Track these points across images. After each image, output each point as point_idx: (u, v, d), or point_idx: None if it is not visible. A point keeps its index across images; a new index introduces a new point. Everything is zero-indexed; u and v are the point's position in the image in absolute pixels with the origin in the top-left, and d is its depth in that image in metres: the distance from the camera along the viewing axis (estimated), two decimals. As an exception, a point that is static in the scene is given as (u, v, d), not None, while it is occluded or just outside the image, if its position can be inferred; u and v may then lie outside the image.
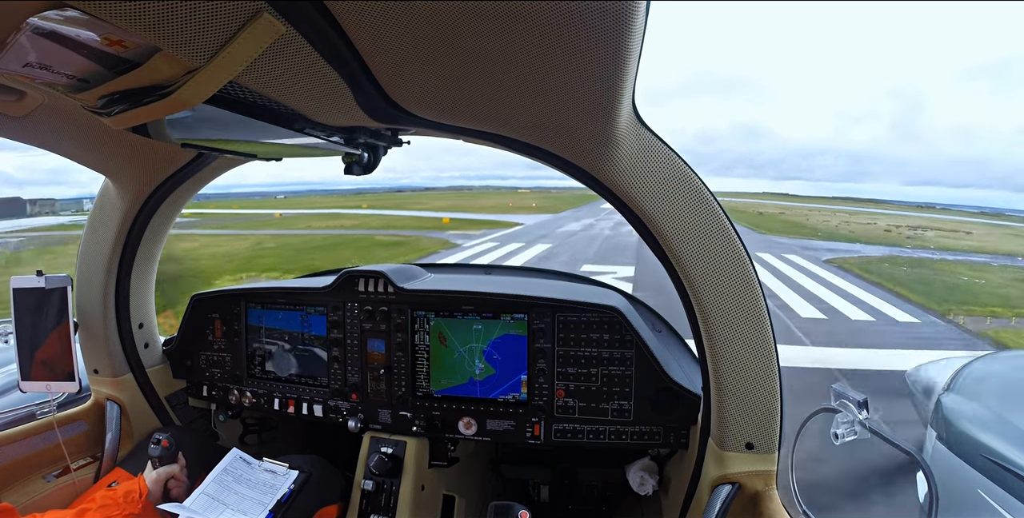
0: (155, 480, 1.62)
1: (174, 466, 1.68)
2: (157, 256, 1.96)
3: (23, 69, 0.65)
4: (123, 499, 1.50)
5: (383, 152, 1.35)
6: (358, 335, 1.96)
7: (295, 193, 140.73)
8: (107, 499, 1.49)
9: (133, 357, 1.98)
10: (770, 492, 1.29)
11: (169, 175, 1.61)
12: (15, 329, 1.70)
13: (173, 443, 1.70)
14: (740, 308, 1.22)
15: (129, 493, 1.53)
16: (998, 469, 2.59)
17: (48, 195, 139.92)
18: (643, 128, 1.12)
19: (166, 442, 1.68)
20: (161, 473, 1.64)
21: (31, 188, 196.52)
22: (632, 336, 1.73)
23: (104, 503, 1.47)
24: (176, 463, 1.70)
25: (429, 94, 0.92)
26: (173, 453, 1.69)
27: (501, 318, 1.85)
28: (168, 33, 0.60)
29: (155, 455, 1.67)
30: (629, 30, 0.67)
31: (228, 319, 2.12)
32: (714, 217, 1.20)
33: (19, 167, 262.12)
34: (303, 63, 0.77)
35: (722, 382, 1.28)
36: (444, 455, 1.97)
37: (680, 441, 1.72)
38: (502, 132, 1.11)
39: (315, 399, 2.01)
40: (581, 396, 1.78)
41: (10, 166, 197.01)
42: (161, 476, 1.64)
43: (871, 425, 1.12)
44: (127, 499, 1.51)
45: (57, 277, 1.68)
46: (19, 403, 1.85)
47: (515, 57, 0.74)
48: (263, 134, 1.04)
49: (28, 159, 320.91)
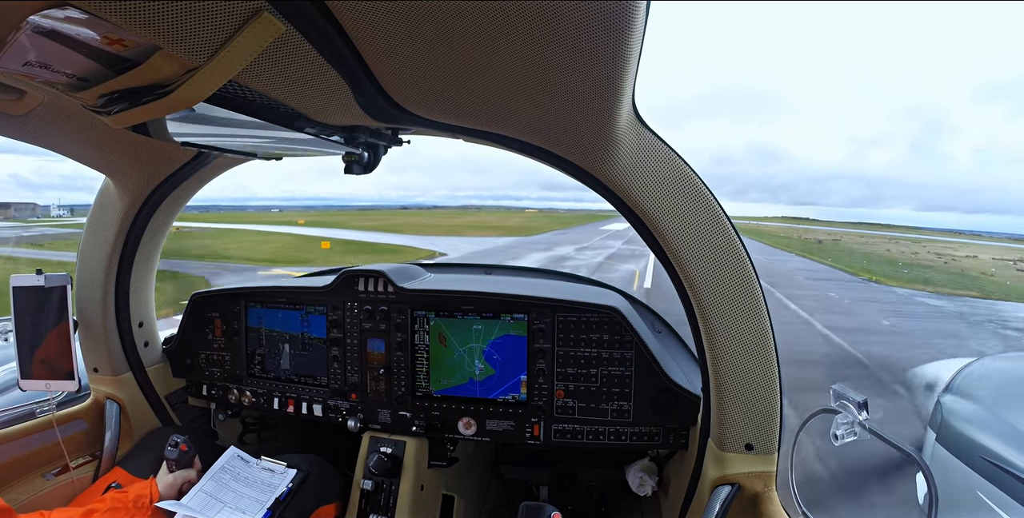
0: (170, 484, 1.58)
1: (191, 471, 1.64)
2: (157, 255, 1.96)
3: (23, 68, 0.65)
4: (133, 503, 1.45)
5: (383, 151, 1.35)
6: (358, 335, 1.96)
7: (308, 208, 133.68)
8: (117, 501, 1.44)
9: (133, 356, 1.98)
10: (770, 493, 1.29)
11: (169, 174, 1.61)
12: (15, 327, 1.69)
13: (192, 447, 1.66)
14: (740, 308, 1.22)
15: (140, 498, 1.48)
16: (996, 470, 2.59)
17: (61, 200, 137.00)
18: (643, 128, 1.11)
19: (184, 446, 1.64)
20: (178, 477, 1.60)
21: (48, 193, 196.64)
22: (632, 336, 1.73)
23: (113, 505, 1.43)
24: (193, 467, 1.66)
25: (429, 93, 0.92)
26: (190, 457, 1.66)
27: (501, 318, 1.85)
28: (168, 32, 0.60)
29: (172, 457, 1.62)
30: (629, 30, 0.67)
31: (228, 318, 2.12)
32: (714, 217, 1.20)
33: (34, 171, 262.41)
34: (303, 62, 0.77)
35: (722, 383, 1.28)
36: (443, 455, 1.97)
37: (680, 442, 1.71)
38: (502, 131, 1.11)
39: (315, 399, 2.01)
40: (581, 396, 1.78)
41: (26, 170, 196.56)
42: (177, 481, 1.60)
43: (870, 426, 1.12)
44: (137, 504, 1.46)
45: (57, 276, 1.68)
46: (19, 401, 1.84)
47: (515, 56, 0.74)
48: (263, 133, 1.04)
49: (41, 163, 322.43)
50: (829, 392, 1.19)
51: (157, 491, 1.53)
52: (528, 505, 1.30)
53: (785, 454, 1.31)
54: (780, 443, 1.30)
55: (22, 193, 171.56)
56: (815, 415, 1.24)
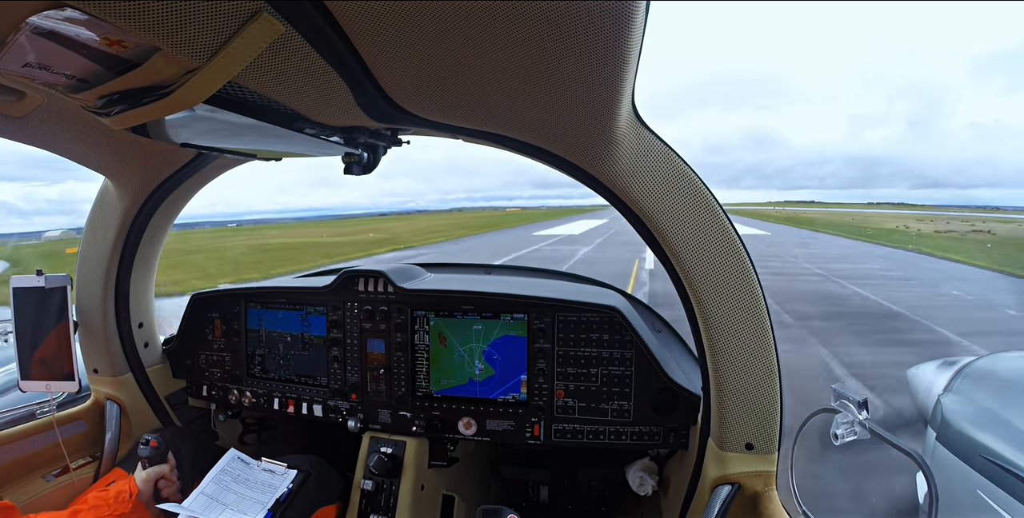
0: (145, 480, 1.64)
1: (164, 466, 1.70)
2: (157, 256, 1.96)
3: (23, 69, 0.65)
4: (114, 499, 1.52)
5: (383, 152, 1.35)
6: (358, 335, 1.96)
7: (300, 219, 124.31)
8: (98, 499, 1.51)
9: (133, 357, 1.98)
10: (770, 492, 1.29)
11: (169, 175, 1.61)
12: (15, 328, 1.70)
13: (162, 443, 1.71)
14: (740, 308, 1.22)
15: (120, 493, 1.55)
16: (997, 469, 2.59)
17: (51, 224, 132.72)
18: (642, 127, 1.12)
19: (155, 442, 1.70)
20: (151, 473, 1.66)
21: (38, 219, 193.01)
22: (632, 336, 1.73)
23: (95, 504, 1.49)
24: (166, 463, 1.72)
25: (428, 93, 0.92)
26: (162, 453, 1.71)
27: (501, 318, 1.85)
28: (167, 33, 0.60)
29: (144, 455, 1.68)
30: (629, 29, 0.67)
31: (228, 319, 2.13)
32: (714, 216, 1.20)
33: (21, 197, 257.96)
34: (302, 63, 0.77)
35: (722, 382, 1.28)
36: (444, 455, 1.97)
37: (680, 441, 1.71)
38: (502, 131, 1.11)
39: (315, 399, 2.01)
40: (581, 396, 1.78)
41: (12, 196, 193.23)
42: (150, 476, 1.65)
43: (870, 425, 1.12)
44: (117, 499, 1.53)
45: (57, 277, 1.68)
46: (19, 402, 1.84)
47: (514, 57, 0.74)
48: (262, 134, 1.04)
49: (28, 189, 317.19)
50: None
51: (136, 486, 1.60)
52: (484, 509, 1.31)
53: (785, 454, 1.31)
54: (780, 442, 1.30)
55: (12, 220, 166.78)
56: (815, 414, 1.24)
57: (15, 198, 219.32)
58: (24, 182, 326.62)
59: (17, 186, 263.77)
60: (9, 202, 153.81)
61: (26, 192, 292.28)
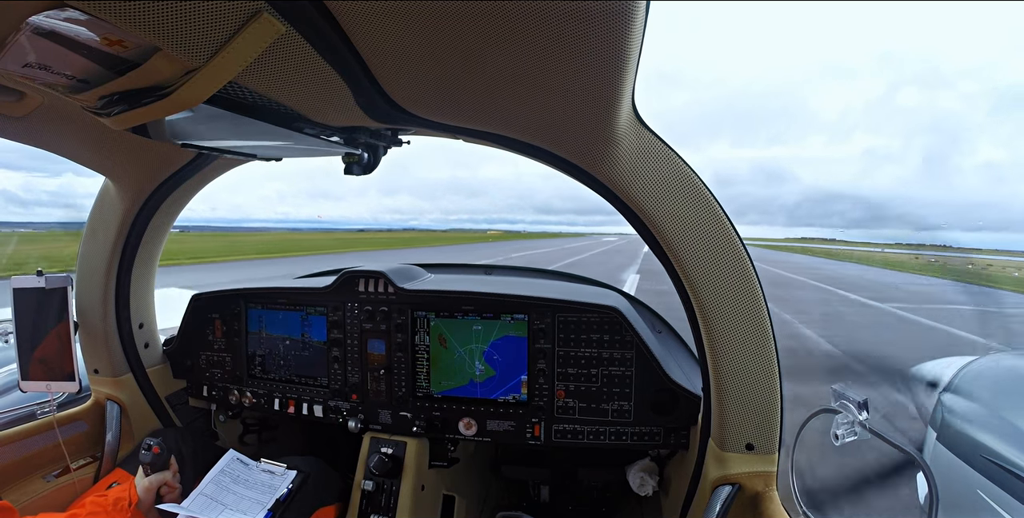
0: (146, 488, 1.56)
1: (166, 473, 1.63)
2: (157, 256, 1.96)
3: (23, 69, 0.65)
4: (112, 506, 1.45)
5: (383, 152, 1.35)
6: (358, 335, 1.96)
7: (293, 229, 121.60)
8: (96, 505, 1.44)
9: (133, 357, 1.98)
10: (770, 493, 1.28)
11: (169, 175, 1.61)
12: (15, 329, 1.70)
13: (164, 449, 1.65)
14: (740, 308, 1.22)
15: (119, 501, 1.47)
16: (998, 470, 2.59)
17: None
18: (643, 128, 1.11)
19: (157, 448, 1.62)
20: (153, 481, 1.58)
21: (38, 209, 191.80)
22: (632, 336, 1.73)
23: (93, 509, 1.42)
24: (168, 469, 1.65)
25: (428, 93, 0.92)
26: (165, 459, 1.65)
27: (501, 318, 1.85)
28: (168, 33, 0.60)
29: (146, 461, 1.62)
30: (629, 29, 0.67)
31: (228, 319, 2.13)
32: (714, 217, 1.20)
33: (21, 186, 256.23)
34: (303, 63, 0.77)
35: (722, 383, 1.28)
36: (444, 455, 1.97)
37: (680, 442, 1.71)
38: (502, 132, 1.11)
39: (315, 399, 2.01)
40: (581, 397, 1.78)
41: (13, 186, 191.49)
42: (153, 484, 1.58)
43: (871, 426, 1.11)
44: (116, 506, 1.46)
45: (57, 277, 1.68)
46: (19, 403, 1.85)
47: (514, 57, 0.74)
48: (263, 134, 1.04)
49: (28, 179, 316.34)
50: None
51: (136, 494, 1.53)
52: (504, 515, 1.30)
53: (785, 454, 1.31)
54: (781, 443, 1.30)
55: (12, 208, 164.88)
56: (815, 415, 1.24)
57: (15, 188, 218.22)
58: (27, 171, 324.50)
59: (19, 175, 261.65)
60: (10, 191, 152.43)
61: (25, 182, 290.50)
